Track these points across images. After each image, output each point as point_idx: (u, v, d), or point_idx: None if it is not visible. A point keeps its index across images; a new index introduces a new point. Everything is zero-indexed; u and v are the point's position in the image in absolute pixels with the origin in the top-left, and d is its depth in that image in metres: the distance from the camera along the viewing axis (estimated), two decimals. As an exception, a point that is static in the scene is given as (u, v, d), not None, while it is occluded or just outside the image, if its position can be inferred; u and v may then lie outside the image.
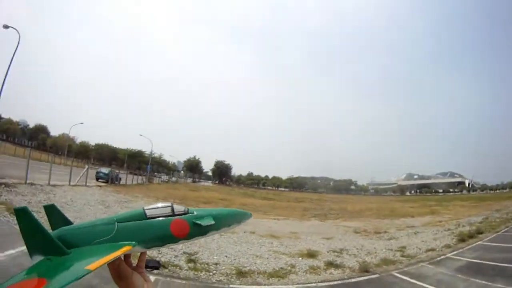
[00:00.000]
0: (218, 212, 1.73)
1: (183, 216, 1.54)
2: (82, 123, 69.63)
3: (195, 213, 1.59)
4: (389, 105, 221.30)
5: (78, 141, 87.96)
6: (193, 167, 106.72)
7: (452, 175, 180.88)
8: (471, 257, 12.44)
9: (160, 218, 1.49)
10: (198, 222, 1.54)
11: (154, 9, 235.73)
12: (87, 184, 27.66)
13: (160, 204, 1.57)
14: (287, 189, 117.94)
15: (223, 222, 1.70)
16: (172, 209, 1.54)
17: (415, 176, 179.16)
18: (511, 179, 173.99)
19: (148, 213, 1.48)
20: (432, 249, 14.74)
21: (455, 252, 13.70)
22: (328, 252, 13.92)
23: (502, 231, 19.30)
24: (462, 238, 16.57)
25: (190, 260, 10.38)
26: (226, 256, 11.57)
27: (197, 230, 1.55)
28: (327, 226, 23.89)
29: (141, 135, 74.87)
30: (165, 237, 1.47)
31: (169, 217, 1.51)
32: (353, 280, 10.41)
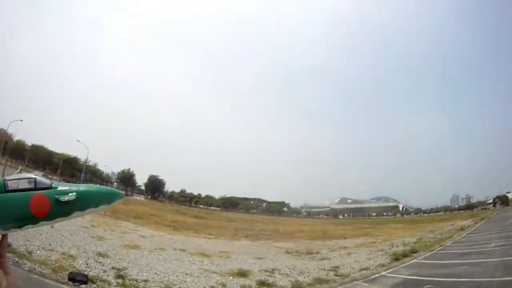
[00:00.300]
0: (85, 188, 1.50)
1: (45, 191, 1.34)
2: (21, 120, 63.57)
3: (59, 188, 1.39)
4: (322, 131, 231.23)
5: (15, 138, 78.04)
6: (126, 179, 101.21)
7: (386, 199, 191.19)
8: (406, 274, 11.95)
9: (21, 192, 1.30)
10: (58, 197, 1.34)
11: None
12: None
13: (23, 175, 1.40)
14: (219, 209, 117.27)
15: (90, 200, 1.47)
16: (35, 182, 1.35)
17: (349, 200, 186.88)
18: (444, 203, 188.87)
19: (10, 184, 1.30)
20: (366, 268, 14.05)
21: (390, 270, 13.16)
22: (259, 271, 13.38)
23: (437, 249, 19.35)
24: (397, 257, 16.20)
25: (119, 276, 9.72)
26: (156, 273, 11.00)
27: (58, 208, 1.34)
28: (259, 246, 23.40)
29: (78, 140, 68.23)
30: (24, 217, 1.27)
31: (30, 192, 1.31)
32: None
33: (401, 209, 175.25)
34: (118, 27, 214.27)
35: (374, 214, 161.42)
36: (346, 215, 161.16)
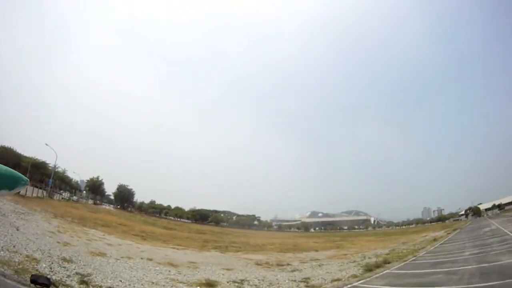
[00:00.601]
0: None
1: None
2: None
3: None
4: (292, 144, 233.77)
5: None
6: (95, 188, 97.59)
7: (357, 213, 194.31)
8: (380, 284, 11.40)
9: None
10: None
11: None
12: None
13: None
14: (189, 221, 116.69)
15: None
16: None
17: (320, 214, 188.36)
18: (416, 216, 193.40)
19: None
20: (338, 279, 13.51)
21: (363, 281, 12.56)
22: (228, 282, 12.87)
23: (410, 259, 19.04)
24: (369, 268, 15.68)
25: (82, 282, 9.38)
26: (121, 281, 10.54)
27: None
28: (228, 258, 22.59)
29: (46, 144, 65.07)
30: None
31: None
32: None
33: (372, 222, 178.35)
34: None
35: (346, 227, 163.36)
36: (317, 228, 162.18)
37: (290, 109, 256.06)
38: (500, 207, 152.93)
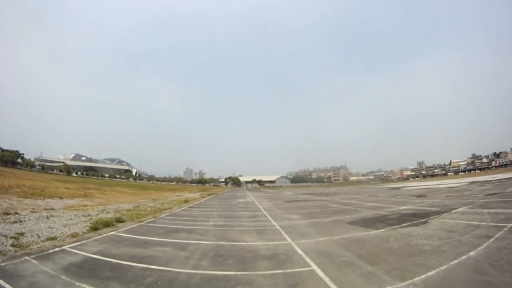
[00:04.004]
0: None
1: None
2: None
3: None
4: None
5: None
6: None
7: (120, 162, 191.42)
8: (92, 252, 9.76)
9: None
10: None
11: None
12: None
13: None
14: None
15: None
16: None
17: (83, 158, 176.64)
18: (178, 174, 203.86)
19: None
20: (54, 238, 11.51)
21: (78, 244, 10.75)
22: None
23: (147, 221, 17.47)
24: (96, 227, 14.09)
25: None
26: None
27: None
28: None
29: None
30: None
31: None
32: None
33: (134, 173, 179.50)
34: None
35: (107, 175, 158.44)
36: (79, 173, 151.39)
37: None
38: (260, 182, 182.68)
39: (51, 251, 9.76)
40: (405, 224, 13.89)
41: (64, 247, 10.25)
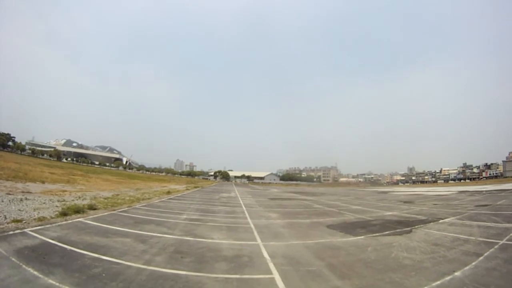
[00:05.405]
0: None
1: None
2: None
3: None
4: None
5: None
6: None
7: (111, 150, 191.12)
8: (51, 237, 9.60)
9: None
10: None
11: None
12: None
13: None
14: None
15: None
16: None
17: (74, 144, 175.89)
18: (169, 166, 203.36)
19: None
20: (19, 221, 11.38)
21: (40, 228, 10.58)
22: None
23: (120, 210, 16.76)
24: (66, 213, 13.89)
25: None
26: None
27: None
28: None
29: None
30: None
31: None
32: None
33: (124, 162, 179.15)
34: None
35: (97, 163, 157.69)
36: (69, 159, 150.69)
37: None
38: (249, 178, 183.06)
39: (11, 232, 9.63)
40: (387, 232, 13.24)
41: (25, 230, 10.11)
